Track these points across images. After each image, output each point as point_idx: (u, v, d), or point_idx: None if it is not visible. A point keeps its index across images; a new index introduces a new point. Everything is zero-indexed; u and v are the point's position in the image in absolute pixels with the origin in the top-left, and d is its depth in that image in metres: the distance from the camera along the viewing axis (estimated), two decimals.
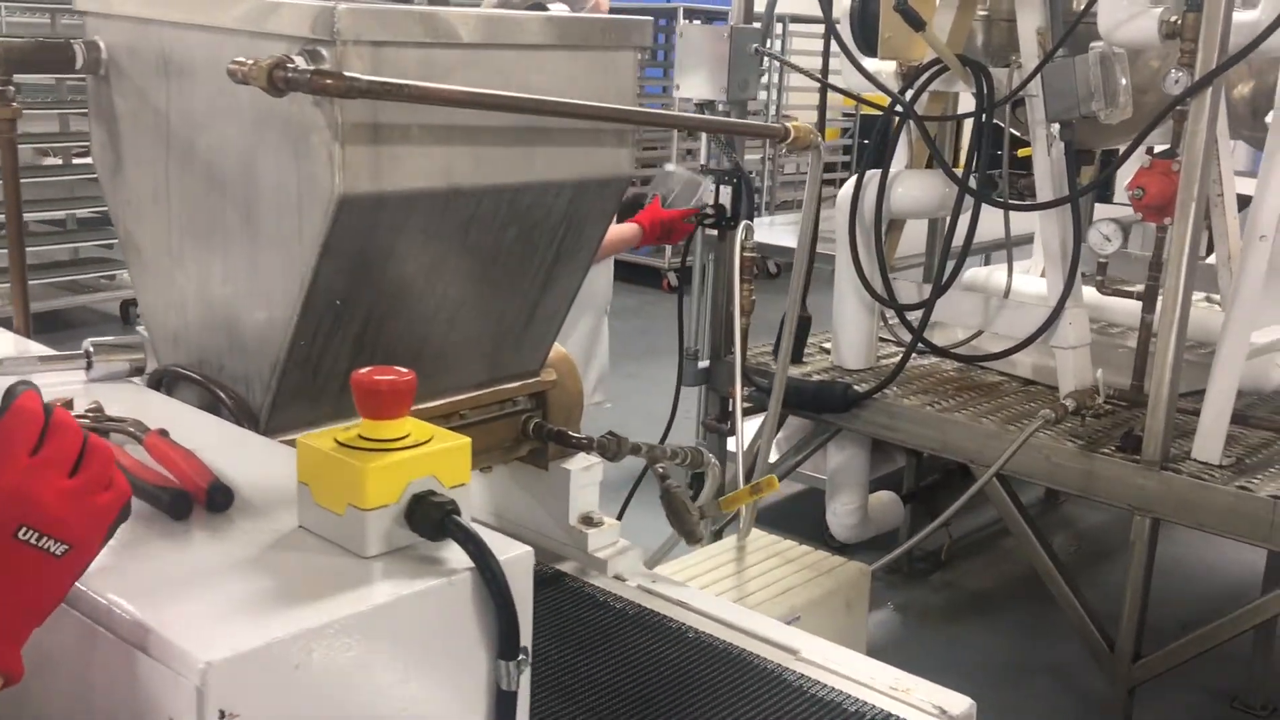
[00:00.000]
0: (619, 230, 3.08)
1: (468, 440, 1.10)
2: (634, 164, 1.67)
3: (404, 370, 1.08)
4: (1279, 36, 2.70)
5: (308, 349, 1.45)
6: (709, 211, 3.30)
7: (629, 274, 8.29)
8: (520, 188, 1.53)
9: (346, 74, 1.22)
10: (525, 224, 1.58)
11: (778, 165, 9.27)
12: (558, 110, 1.45)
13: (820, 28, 3.54)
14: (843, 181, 9.12)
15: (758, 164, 9.05)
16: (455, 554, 1.05)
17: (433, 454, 1.07)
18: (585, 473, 1.87)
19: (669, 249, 8.04)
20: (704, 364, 3.78)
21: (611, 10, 3.09)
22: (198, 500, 1.12)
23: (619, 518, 3.21)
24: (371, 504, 1.03)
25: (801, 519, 4.44)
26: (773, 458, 3.95)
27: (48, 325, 5.92)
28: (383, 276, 1.47)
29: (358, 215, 1.36)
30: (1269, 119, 3.02)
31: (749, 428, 3.11)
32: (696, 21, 9.09)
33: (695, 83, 3.44)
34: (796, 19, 8.42)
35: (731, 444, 3.83)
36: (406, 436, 1.08)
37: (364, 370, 1.07)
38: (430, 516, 1.04)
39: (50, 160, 6.82)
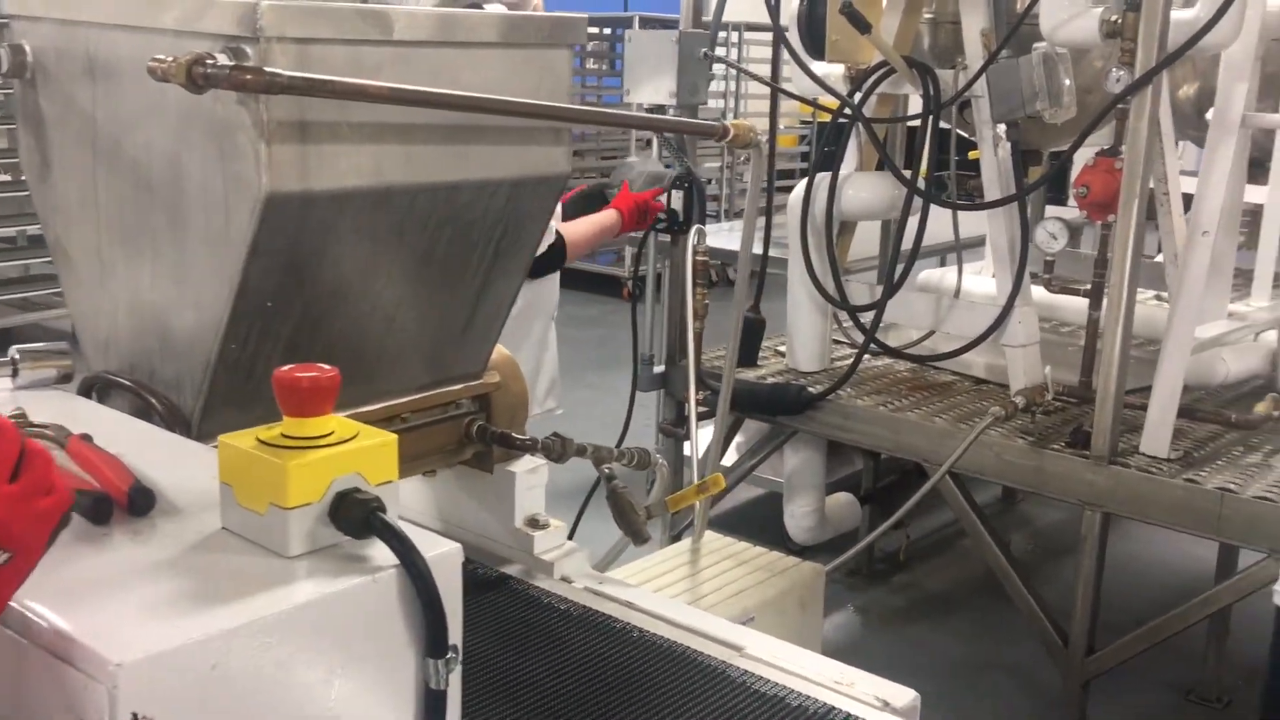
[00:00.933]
0: (599, 219, 3.07)
1: (393, 437, 1.09)
2: (570, 162, 1.67)
3: (327, 367, 1.07)
4: (1217, 34, 2.74)
5: (239, 352, 1.43)
6: (662, 217, 3.30)
7: (589, 283, 8.28)
8: (455, 186, 1.52)
9: (266, 69, 1.20)
10: (462, 223, 1.57)
11: (735, 172, 9.30)
12: (489, 108, 1.45)
13: (772, 34, 3.55)
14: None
15: (716, 171, 9.07)
16: (381, 552, 1.03)
17: (357, 451, 1.06)
18: (530, 475, 1.86)
19: (628, 257, 8.04)
20: (659, 369, 3.77)
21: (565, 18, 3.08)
22: (119, 504, 1.10)
23: (575, 524, 3.22)
24: (293, 502, 1.02)
25: (761, 523, 4.44)
26: (731, 461, 3.96)
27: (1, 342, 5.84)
28: (315, 277, 1.45)
29: (286, 214, 1.34)
30: (1209, 116, 3.05)
31: (704, 432, 3.10)
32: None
33: (645, 88, 3.44)
34: (751, 27, 8.46)
35: (687, 448, 3.84)
36: (330, 434, 1.06)
37: (285, 368, 1.06)
38: (354, 514, 1.03)
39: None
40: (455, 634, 1.05)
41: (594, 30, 9.77)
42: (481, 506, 1.88)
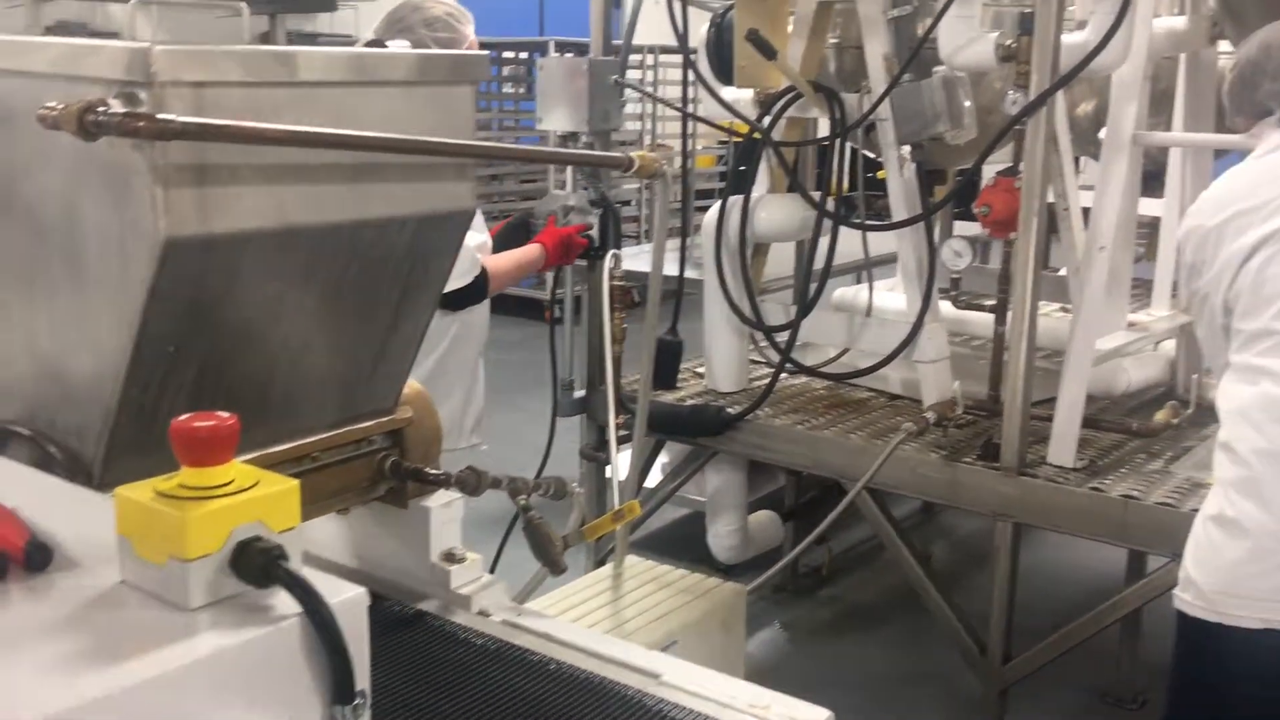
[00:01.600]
0: (522, 254, 3.08)
1: (295, 483, 1.08)
2: (475, 196, 1.68)
3: (225, 415, 1.06)
4: (1106, 56, 2.83)
5: (141, 398, 1.41)
6: (592, 249, 3.31)
7: (512, 307, 8.27)
8: (360, 224, 1.52)
9: (159, 116, 1.20)
10: (368, 260, 1.57)
11: (654, 193, 9.35)
12: (391, 147, 1.45)
13: (682, 60, 3.60)
14: None
15: (634, 193, 9.12)
16: (285, 600, 1.03)
17: (258, 499, 1.05)
18: (445, 509, 1.85)
19: (550, 280, 8.02)
20: (580, 394, 3.79)
21: (482, 44, 3.09)
22: (14, 560, 1.08)
23: (498, 553, 3.22)
24: (193, 554, 1.01)
25: (686, 542, 4.47)
26: (656, 482, 3.98)
27: None
28: (219, 319, 1.44)
29: (185, 259, 1.33)
30: (1102, 135, 3.16)
31: (626, 456, 3.12)
32: (569, 55, 9.17)
33: (557, 115, 3.46)
34: (665, 49, 8.54)
35: (609, 472, 3.86)
36: (230, 483, 1.06)
37: (183, 417, 1.05)
38: (256, 563, 1.02)
39: None
40: (363, 679, 1.05)
41: (510, 55, 9.79)
42: (397, 542, 1.87)
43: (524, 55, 9.73)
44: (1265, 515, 2.01)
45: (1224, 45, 3.37)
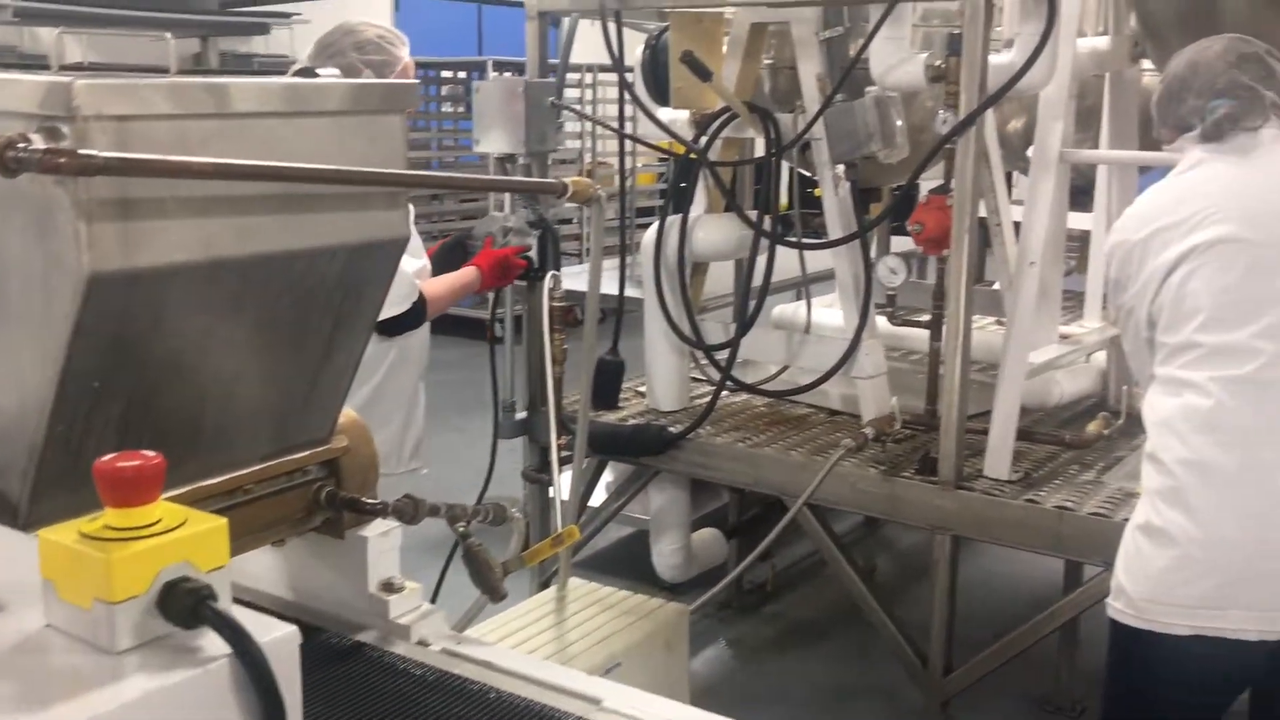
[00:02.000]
0: (458, 278, 3.06)
1: (223, 521, 1.07)
2: (408, 224, 1.67)
3: (150, 454, 1.05)
4: (1031, 76, 2.89)
5: (67, 434, 1.39)
6: (531, 269, 3.31)
7: (452, 327, 8.22)
8: (290, 255, 1.50)
9: (81, 152, 1.18)
10: (299, 292, 1.56)
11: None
12: (320, 178, 1.44)
13: (618, 83, 3.61)
14: None
15: (575, 211, 9.13)
16: (214, 641, 1.02)
17: (185, 538, 1.04)
18: (383, 538, 1.84)
19: (491, 300, 8.00)
20: (521, 415, 3.78)
21: (420, 64, 3.08)
22: None
23: (439, 581, 3.20)
24: (119, 596, 0.99)
25: (632, 561, 4.47)
26: (600, 501, 3.98)
27: None
28: (146, 353, 1.42)
29: (110, 294, 1.31)
30: (1030, 153, 3.22)
31: (569, 477, 3.12)
32: (508, 74, 9.17)
33: (494, 137, 3.46)
34: (603, 68, 8.56)
35: (553, 493, 3.85)
36: (157, 523, 1.05)
37: (107, 458, 1.04)
38: (183, 604, 1.01)
39: None
40: (295, 717, 1.04)
41: (449, 74, 9.77)
42: (334, 573, 1.85)
43: (462, 75, 9.72)
44: (1191, 524, 2.05)
45: (1146, 64, 3.45)
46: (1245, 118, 2.19)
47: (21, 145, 1.16)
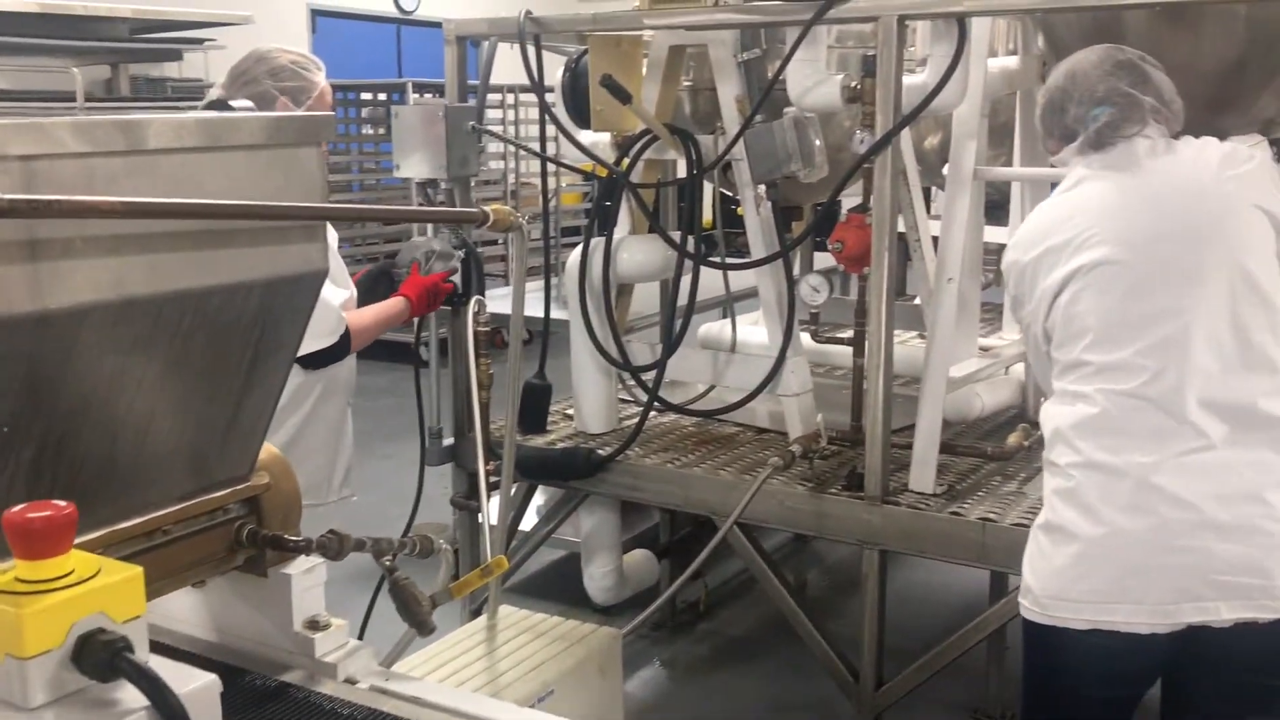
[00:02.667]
0: (385, 309, 3.02)
1: (138, 570, 1.05)
2: (327, 257, 1.65)
3: (62, 504, 1.03)
4: (944, 97, 2.95)
5: None
6: (455, 295, 3.28)
7: (378, 351, 8.11)
8: (205, 292, 1.48)
9: None
10: (215, 328, 1.53)
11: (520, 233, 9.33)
12: (234, 214, 1.42)
13: (539, 106, 3.61)
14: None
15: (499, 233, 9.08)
16: (132, 693, 0.99)
17: (99, 589, 1.02)
18: (307, 575, 1.81)
19: (416, 324, 7.94)
20: (448, 442, 3.75)
21: (339, 87, 3.04)
22: None
23: (368, 613, 3.15)
24: (31, 651, 0.97)
25: (564, 584, 4.46)
26: (532, 525, 3.96)
27: None
28: (56, 396, 1.38)
29: (18, 337, 1.28)
30: (946, 170, 3.28)
31: (497, 501, 3.09)
32: (429, 96, 9.12)
33: (414, 162, 3.44)
34: (524, 89, 8.55)
35: (482, 519, 3.82)
36: (70, 574, 1.02)
37: (16, 509, 1.01)
38: (99, 657, 0.99)
39: None
40: None
41: (369, 96, 9.70)
42: (258, 612, 1.81)
43: (382, 96, 9.65)
44: (1086, 522, 2.13)
45: None
46: (1125, 124, 2.27)
47: None
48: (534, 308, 4.82)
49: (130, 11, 5.84)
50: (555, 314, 3.76)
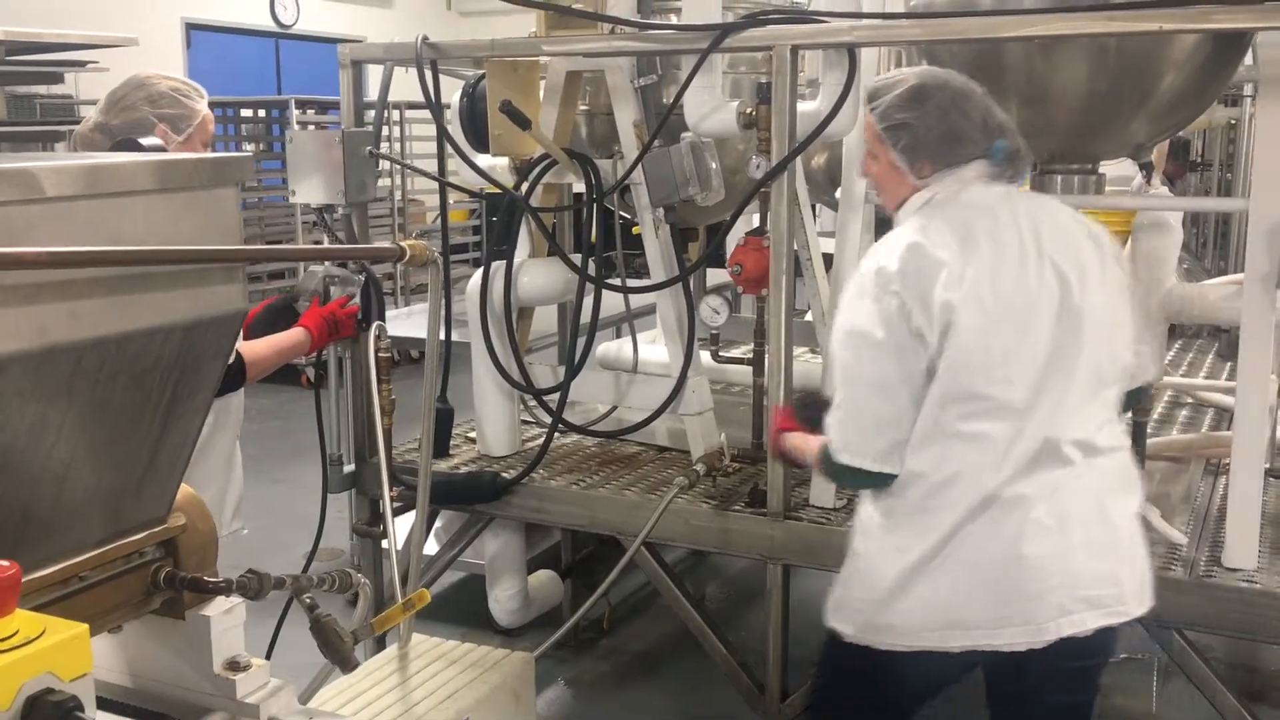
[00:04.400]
0: (285, 340, 2.97)
1: (85, 628, 1.05)
2: (246, 297, 1.65)
3: (6, 563, 1.02)
4: (837, 124, 3.05)
5: None
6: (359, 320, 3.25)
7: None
8: (125, 337, 1.46)
9: None
10: (135, 371, 1.51)
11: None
12: (155, 259, 1.41)
13: (436, 129, 3.61)
14: (474, 261, 9.25)
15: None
16: None
17: (46, 649, 1.01)
18: (226, 616, 1.79)
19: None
20: (349, 468, 3.71)
21: (219, 104, 2.99)
22: None
23: (268, 654, 3.11)
24: None
25: (463, 606, 4.45)
26: (432, 549, 3.94)
27: None
28: None
29: None
30: (838, 193, 3.38)
31: (401, 527, 3.09)
32: (311, 111, 8.99)
33: (311, 187, 3.41)
34: (411, 105, 8.50)
35: (385, 544, 3.80)
36: (14, 634, 1.01)
37: None
38: (50, 717, 0.98)
39: None
40: None
41: (249, 113, 9.52)
42: (176, 655, 1.79)
43: (262, 113, 9.48)
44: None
45: None
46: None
47: None
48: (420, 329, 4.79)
49: (2, 34, 5.64)
50: (453, 336, 3.76)
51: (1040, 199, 2.42)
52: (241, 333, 2.84)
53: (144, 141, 2.13)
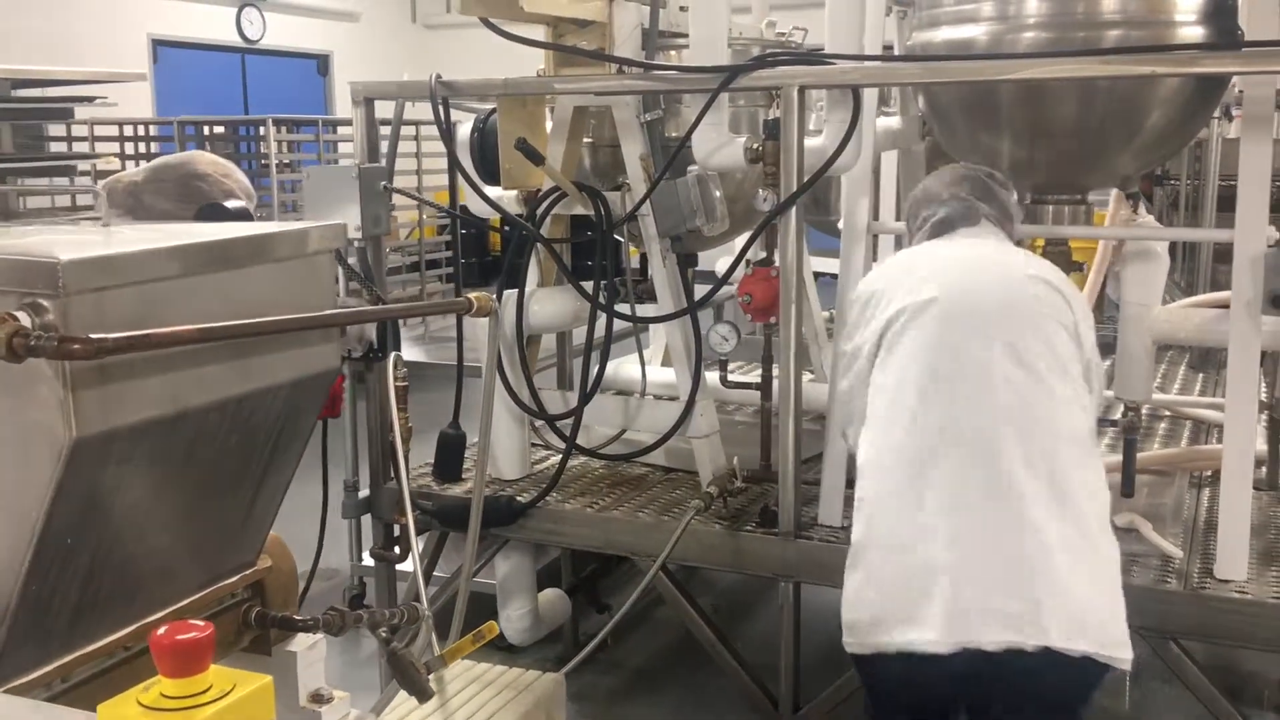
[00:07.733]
0: None
1: (269, 679, 1.15)
2: (339, 355, 1.75)
3: (201, 623, 1.12)
4: (843, 159, 3.19)
5: (39, 591, 1.41)
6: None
7: None
8: (242, 398, 1.57)
9: (93, 336, 1.23)
10: (246, 430, 1.62)
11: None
12: (281, 328, 1.52)
13: (448, 162, 3.70)
14: (447, 277, 9.17)
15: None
16: None
17: (239, 702, 1.11)
18: (310, 652, 1.89)
19: None
20: (364, 493, 3.79)
21: (188, 121, 3.04)
22: None
23: None
24: None
25: (466, 625, 4.50)
26: (443, 572, 4.03)
27: None
28: (111, 507, 1.46)
29: (89, 456, 1.35)
30: (840, 224, 3.50)
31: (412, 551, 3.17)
32: (283, 132, 9.00)
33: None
34: (422, 121, 8.50)
35: (401, 567, 3.89)
36: (209, 689, 1.11)
37: (162, 630, 1.10)
38: None
39: None
40: None
41: (221, 130, 9.51)
42: None
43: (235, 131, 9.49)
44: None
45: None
46: (960, 221, 2.61)
47: (32, 333, 1.19)
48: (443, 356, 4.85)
49: (6, 71, 5.64)
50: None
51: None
52: None
53: (229, 205, 2.21)
